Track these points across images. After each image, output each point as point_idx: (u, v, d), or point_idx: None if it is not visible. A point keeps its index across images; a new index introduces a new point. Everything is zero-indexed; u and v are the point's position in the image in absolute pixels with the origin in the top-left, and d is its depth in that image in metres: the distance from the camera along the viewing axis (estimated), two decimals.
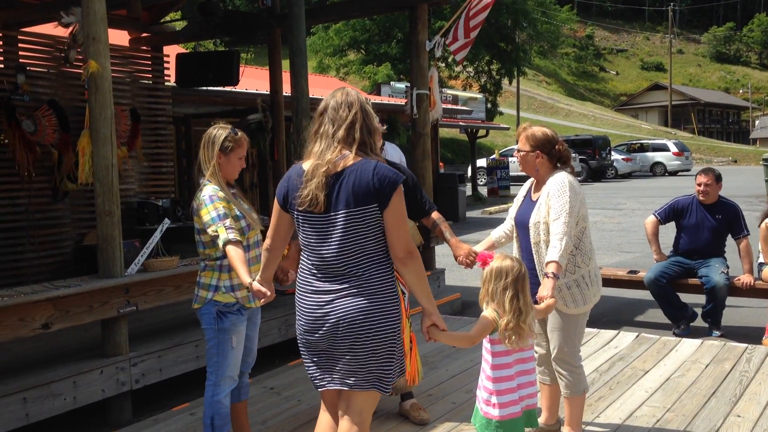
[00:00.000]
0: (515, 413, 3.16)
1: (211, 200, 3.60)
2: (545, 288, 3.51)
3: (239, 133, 3.77)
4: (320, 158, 2.81)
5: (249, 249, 3.68)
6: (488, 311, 3.14)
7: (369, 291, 2.80)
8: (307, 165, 2.86)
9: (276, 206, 3.00)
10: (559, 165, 3.88)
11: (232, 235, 3.51)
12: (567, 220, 3.65)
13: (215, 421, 3.67)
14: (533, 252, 3.81)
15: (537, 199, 3.85)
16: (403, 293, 4.27)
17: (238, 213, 3.66)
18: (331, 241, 2.81)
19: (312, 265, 2.89)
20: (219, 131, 3.71)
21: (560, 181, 3.77)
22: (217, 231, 3.53)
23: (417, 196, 4.25)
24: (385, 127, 4.25)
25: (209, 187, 3.66)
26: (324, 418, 3.08)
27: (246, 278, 3.36)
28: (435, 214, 4.25)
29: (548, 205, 3.73)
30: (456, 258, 4.03)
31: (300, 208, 2.85)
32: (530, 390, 3.25)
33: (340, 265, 2.81)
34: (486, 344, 3.20)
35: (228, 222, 3.55)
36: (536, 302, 3.45)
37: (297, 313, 2.97)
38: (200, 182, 3.74)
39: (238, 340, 3.70)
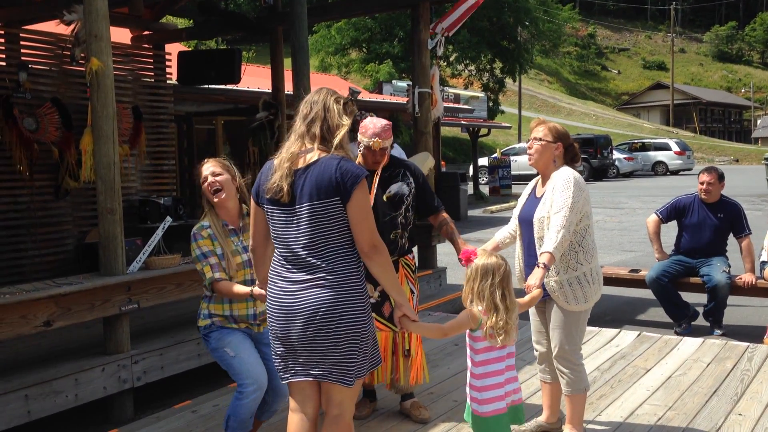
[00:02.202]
0: (500, 409, 3.16)
1: (194, 238, 3.74)
2: (534, 277, 3.50)
3: (204, 162, 3.86)
4: (286, 152, 2.94)
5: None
6: (473, 308, 3.13)
7: (334, 283, 2.86)
8: (276, 159, 2.98)
9: (252, 203, 3.11)
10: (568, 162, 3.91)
11: (218, 275, 3.64)
12: (567, 214, 3.65)
13: (230, 421, 3.71)
14: (536, 247, 3.80)
15: (542, 195, 3.86)
16: (412, 292, 4.28)
17: (219, 252, 3.71)
18: (299, 233, 2.88)
19: (281, 256, 2.97)
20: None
21: (566, 176, 3.78)
22: (203, 270, 3.68)
23: (426, 194, 4.29)
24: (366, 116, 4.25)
25: (199, 224, 3.79)
26: (294, 418, 3.07)
27: (245, 289, 3.53)
28: (443, 214, 4.30)
29: (552, 198, 3.73)
30: (461, 260, 4.04)
31: (267, 196, 2.94)
32: (516, 385, 3.25)
33: (307, 256, 2.88)
34: (470, 342, 3.20)
35: (213, 260, 3.68)
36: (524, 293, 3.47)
37: (267, 302, 3.03)
38: None
39: (234, 348, 3.71)
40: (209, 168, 3.80)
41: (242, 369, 3.69)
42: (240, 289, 3.57)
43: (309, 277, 2.87)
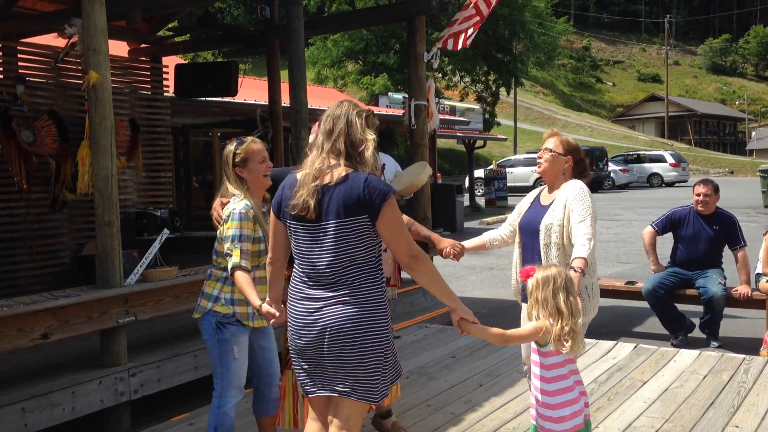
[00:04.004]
0: (579, 425, 3.08)
1: (240, 217, 3.56)
2: None
3: (246, 139, 3.74)
4: (310, 168, 2.89)
5: (258, 268, 3.64)
6: (541, 321, 3.05)
7: (358, 299, 2.84)
8: (300, 174, 2.93)
9: (272, 216, 3.07)
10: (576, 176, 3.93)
11: (244, 263, 3.50)
12: (592, 222, 3.67)
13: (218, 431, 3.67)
14: (542, 254, 3.79)
15: (548, 204, 3.87)
16: None
17: (260, 235, 3.63)
18: (323, 250, 2.85)
19: (303, 273, 2.94)
20: (228, 148, 3.71)
21: (579, 186, 3.82)
22: (231, 251, 3.52)
23: None
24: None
25: (243, 203, 3.62)
26: (314, 426, 3.08)
27: (256, 301, 3.35)
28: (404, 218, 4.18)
29: (569, 208, 3.73)
30: (441, 252, 3.99)
31: (292, 213, 2.90)
32: (586, 399, 3.18)
33: (331, 274, 2.85)
34: (540, 359, 3.11)
35: (245, 246, 3.53)
36: None
37: (288, 318, 3.01)
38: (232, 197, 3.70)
39: (240, 351, 3.68)
40: (263, 151, 3.70)
41: (237, 375, 3.67)
42: (252, 297, 3.38)
43: (331, 294, 2.85)
